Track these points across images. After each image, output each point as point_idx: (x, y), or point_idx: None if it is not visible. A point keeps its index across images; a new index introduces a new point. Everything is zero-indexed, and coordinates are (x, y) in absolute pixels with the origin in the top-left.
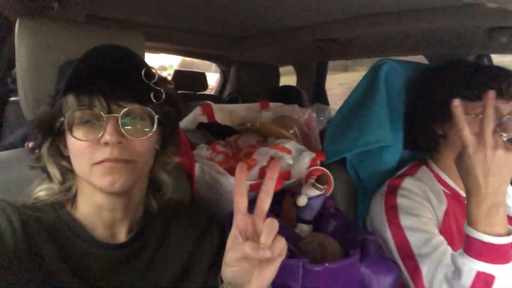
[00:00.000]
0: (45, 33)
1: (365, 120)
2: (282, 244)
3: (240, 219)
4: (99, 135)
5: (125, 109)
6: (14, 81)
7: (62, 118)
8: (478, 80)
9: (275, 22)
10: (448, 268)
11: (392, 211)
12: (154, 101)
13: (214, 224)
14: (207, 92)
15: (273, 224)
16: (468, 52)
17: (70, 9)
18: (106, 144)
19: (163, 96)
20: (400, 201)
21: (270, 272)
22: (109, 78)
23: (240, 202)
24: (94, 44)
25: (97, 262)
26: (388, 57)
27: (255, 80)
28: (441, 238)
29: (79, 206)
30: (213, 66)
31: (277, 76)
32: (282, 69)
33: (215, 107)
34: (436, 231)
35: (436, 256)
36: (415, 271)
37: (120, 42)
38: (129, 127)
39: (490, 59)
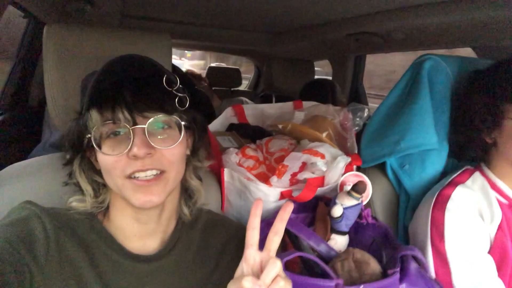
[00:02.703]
0: (72, 40)
1: (406, 121)
2: (281, 285)
3: (249, 254)
4: (127, 149)
5: (151, 120)
6: None
7: (89, 135)
8: None
9: (310, 16)
10: None
11: (438, 229)
12: (179, 107)
13: (236, 238)
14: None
15: (276, 264)
16: None
17: (103, 11)
18: (135, 157)
19: (188, 102)
20: (448, 217)
21: None
22: (130, 90)
23: (252, 237)
24: (122, 49)
25: (128, 274)
26: (432, 49)
27: (289, 75)
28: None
29: (112, 218)
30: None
31: (312, 71)
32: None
33: (246, 108)
34: (485, 258)
35: None
36: None
37: (147, 46)
38: (157, 137)
39: None
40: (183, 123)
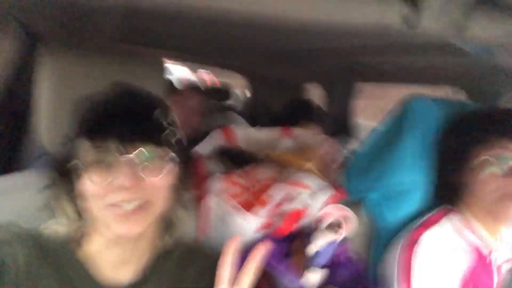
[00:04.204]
0: (66, 64)
1: (389, 159)
2: None
3: None
4: (113, 178)
5: (139, 150)
6: None
7: (76, 160)
8: (485, 124)
9: (306, 42)
10: None
11: (405, 273)
12: (169, 139)
13: (211, 271)
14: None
15: None
16: (509, 88)
17: (102, 28)
18: (120, 186)
19: (178, 134)
20: (416, 262)
21: None
22: (121, 119)
23: (223, 276)
24: (116, 75)
25: None
26: (422, 85)
27: (280, 96)
28: None
29: (87, 245)
30: None
31: (301, 93)
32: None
33: (235, 131)
34: None
35: None
36: None
37: (140, 73)
38: (144, 167)
39: None
40: (172, 154)
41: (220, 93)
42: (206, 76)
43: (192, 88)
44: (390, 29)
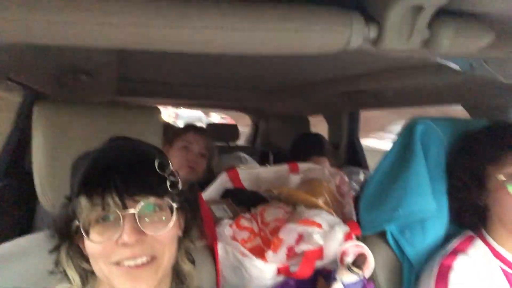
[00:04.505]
0: (61, 119)
1: (403, 187)
2: None
3: None
4: (117, 236)
5: (141, 204)
6: None
7: (77, 222)
8: (495, 141)
9: (304, 75)
10: None
11: None
12: (170, 190)
13: None
14: (239, 143)
15: None
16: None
17: (100, 80)
18: (124, 244)
19: (180, 184)
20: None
21: None
22: (121, 174)
23: None
24: (112, 127)
25: None
26: (423, 106)
27: (285, 131)
28: None
29: None
30: None
31: (307, 126)
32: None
33: (241, 172)
34: None
35: None
36: None
37: (137, 124)
38: (148, 221)
39: None
40: (174, 205)
41: (227, 134)
42: (212, 118)
43: (196, 132)
44: (361, 51)
